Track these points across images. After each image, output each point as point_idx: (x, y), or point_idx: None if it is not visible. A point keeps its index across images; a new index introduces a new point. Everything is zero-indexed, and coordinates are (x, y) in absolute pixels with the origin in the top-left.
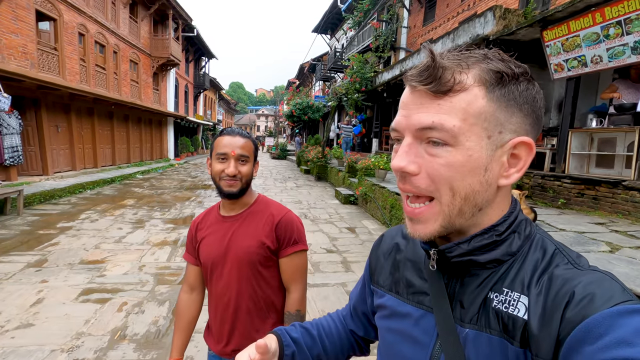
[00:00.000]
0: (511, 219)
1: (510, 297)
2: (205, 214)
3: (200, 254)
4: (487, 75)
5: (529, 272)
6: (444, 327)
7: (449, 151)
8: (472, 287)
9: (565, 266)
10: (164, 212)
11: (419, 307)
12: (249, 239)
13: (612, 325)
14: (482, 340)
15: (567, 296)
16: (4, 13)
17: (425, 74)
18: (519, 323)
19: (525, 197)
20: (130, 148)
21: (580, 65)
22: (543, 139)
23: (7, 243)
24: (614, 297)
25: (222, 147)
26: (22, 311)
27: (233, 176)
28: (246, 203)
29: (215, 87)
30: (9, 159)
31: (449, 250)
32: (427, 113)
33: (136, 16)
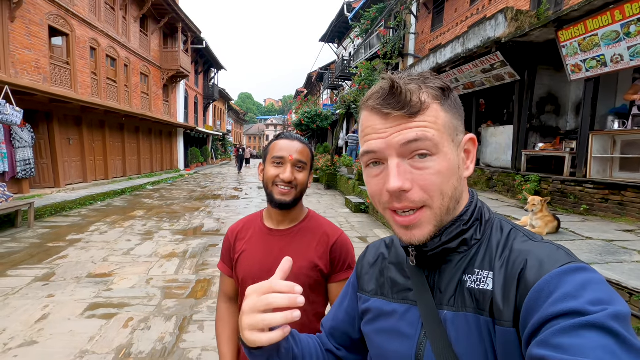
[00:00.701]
0: (472, 208)
1: (480, 276)
2: (246, 222)
3: (239, 267)
4: (436, 92)
5: (494, 251)
6: (428, 315)
7: (435, 160)
8: (447, 273)
9: (522, 239)
10: (173, 223)
11: (404, 302)
12: (301, 259)
13: (559, 283)
14: (460, 319)
15: (522, 264)
16: (18, 29)
17: (394, 100)
18: (488, 295)
19: (547, 203)
20: (141, 159)
21: (600, 65)
22: (561, 143)
23: (17, 256)
24: (559, 260)
25: (278, 150)
26: (27, 328)
27: (289, 182)
28: (297, 217)
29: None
30: (21, 172)
31: (425, 246)
32: (409, 129)
33: (146, 30)
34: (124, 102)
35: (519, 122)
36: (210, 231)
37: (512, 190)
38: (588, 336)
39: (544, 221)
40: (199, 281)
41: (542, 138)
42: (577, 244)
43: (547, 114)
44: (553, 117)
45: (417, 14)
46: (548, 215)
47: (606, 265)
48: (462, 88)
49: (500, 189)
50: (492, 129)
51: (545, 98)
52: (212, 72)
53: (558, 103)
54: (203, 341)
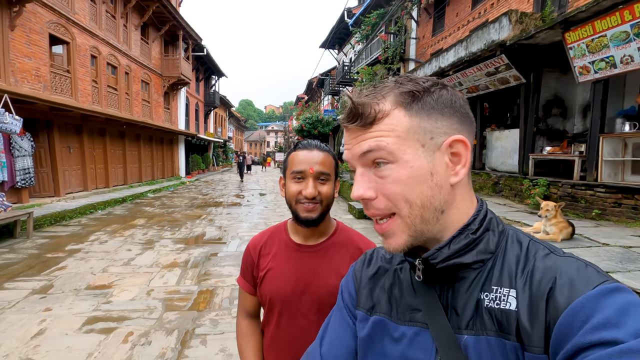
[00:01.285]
0: (480, 217)
1: (500, 294)
2: (270, 236)
3: (265, 286)
4: (400, 97)
5: (513, 266)
6: (443, 339)
7: (392, 168)
8: (462, 291)
9: (544, 253)
10: (174, 232)
11: (412, 325)
12: (334, 276)
13: (597, 307)
14: (481, 344)
15: (550, 282)
16: (18, 38)
17: (350, 115)
18: (512, 316)
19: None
20: (142, 167)
21: (609, 67)
22: (569, 146)
23: (14, 268)
24: (592, 279)
25: (297, 164)
26: (22, 344)
27: (312, 198)
28: (326, 231)
29: (225, 105)
30: (20, 181)
31: (432, 257)
32: (364, 141)
33: (147, 37)
34: (125, 110)
35: (525, 125)
36: (212, 239)
37: (519, 195)
38: None
39: (558, 227)
40: (201, 292)
41: (549, 141)
42: (593, 250)
43: (553, 117)
44: (560, 120)
45: (418, 18)
46: (562, 221)
47: (628, 273)
48: (466, 92)
49: (507, 194)
50: (497, 132)
51: (552, 101)
52: (212, 79)
53: (564, 106)
54: (206, 356)
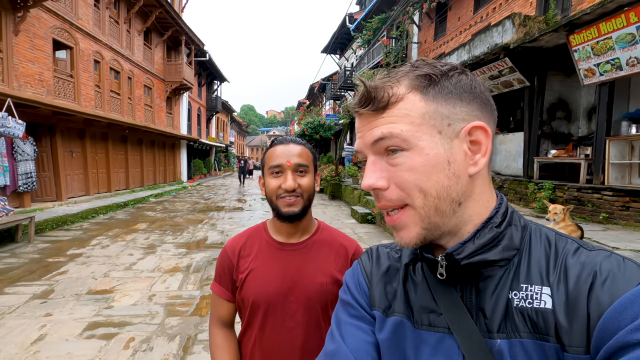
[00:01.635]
0: (502, 210)
1: (531, 292)
2: (248, 237)
3: (247, 289)
4: (416, 81)
5: (543, 262)
6: (470, 345)
7: (406, 156)
8: (490, 292)
9: (574, 247)
10: (176, 236)
11: (433, 330)
12: (322, 274)
13: None
14: (516, 348)
15: (590, 278)
16: (22, 42)
17: (362, 100)
18: (549, 315)
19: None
20: (144, 171)
21: (615, 69)
22: (575, 149)
23: (15, 273)
24: (634, 275)
25: (274, 158)
26: (22, 350)
27: (292, 191)
28: (308, 228)
29: (227, 110)
30: (22, 185)
31: (457, 252)
32: (376, 127)
33: (150, 43)
34: (127, 115)
35: (530, 128)
36: (214, 244)
37: (524, 199)
38: None
39: (566, 231)
40: (204, 297)
41: (553, 145)
42: None
43: (558, 120)
44: (564, 123)
45: (420, 23)
46: (571, 225)
47: None
48: None
49: (512, 197)
50: (501, 136)
51: (556, 104)
52: (215, 84)
53: (569, 109)
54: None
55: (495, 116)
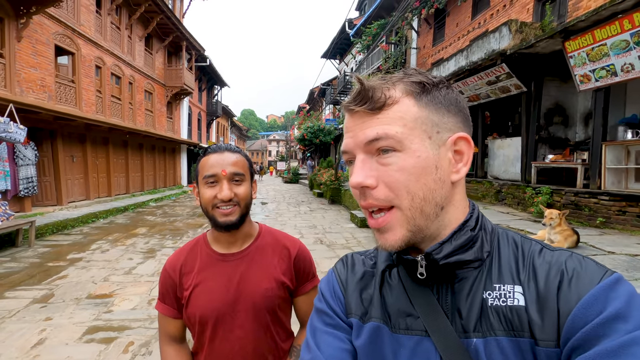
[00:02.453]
0: (475, 215)
1: (504, 291)
2: (189, 252)
3: (193, 305)
4: (411, 87)
5: (512, 263)
6: (446, 346)
7: (398, 156)
8: (465, 292)
9: (539, 249)
10: (176, 241)
11: (411, 333)
12: (266, 280)
13: (607, 300)
14: (491, 347)
15: (558, 277)
16: (24, 48)
17: (359, 97)
18: (523, 313)
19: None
20: (144, 176)
21: (610, 75)
22: (572, 154)
23: (15, 277)
24: (596, 272)
25: (209, 167)
26: (22, 354)
27: (228, 200)
28: (249, 235)
29: (228, 115)
30: (23, 190)
31: (436, 252)
32: (370, 127)
33: (151, 48)
34: (128, 119)
35: (527, 133)
36: None
37: (522, 203)
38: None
39: (562, 235)
40: None
41: (551, 149)
42: (599, 259)
43: (555, 125)
44: (561, 128)
45: (419, 29)
46: (567, 229)
47: (635, 282)
48: (467, 100)
49: (510, 202)
50: (499, 141)
51: (553, 109)
52: (215, 89)
53: (566, 114)
54: None
55: (471, 131)
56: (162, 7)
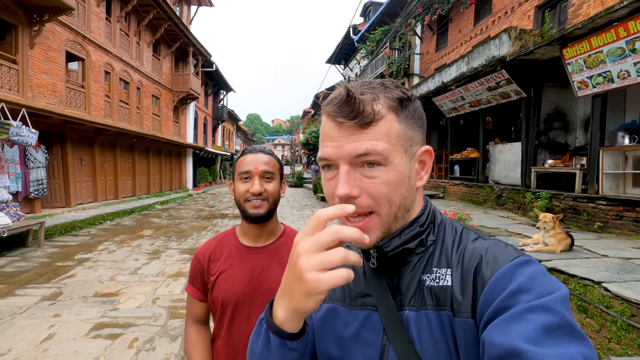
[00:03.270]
0: (427, 212)
1: (439, 274)
2: (218, 242)
3: (217, 290)
4: (393, 102)
5: (449, 250)
6: (388, 318)
7: (383, 170)
8: (406, 274)
9: (473, 237)
10: (181, 242)
11: (363, 308)
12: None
13: (512, 276)
14: (421, 318)
15: (477, 260)
16: (37, 55)
17: (347, 110)
18: (447, 291)
19: (559, 220)
20: (151, 179)
21: (606, 82)
22: (571, 159)
23: (26, 276)
24: (510, 255)
25: (244, 165)
26: (32, 348)
27: (259, 194)
28: (274, 232)
29: (233, 119)
30: (34, 192)
31: (386, 245)
32: (359, 142)
33: (159, 54)
34: (135, 124)
35: (527, 139)
36: None
37: (522, 208)
38: (532, 318)
39: (556, 239)
40: None
41: (551, 155)
42: (592, 261)
43: (555, 130)
44: (561, 133)
45: (422, 35)
46: (561, 233)
47: (624, 283)
48: (469, 106)
49: (510, 207)
50: (500, 146)
51: (553, 115)
52: (221, 94)
53: (566, 119)
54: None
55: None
56: (169, 14)
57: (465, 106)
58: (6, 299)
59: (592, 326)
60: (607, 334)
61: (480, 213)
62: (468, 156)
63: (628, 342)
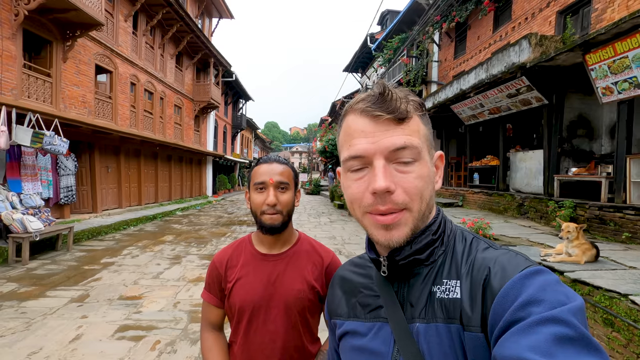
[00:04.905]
0: (439, 220)
1: (449, 286)
2: (234, 249)
3: (234, 296)
4: (417, 106)
5: (459, 260)
6: (399, 330)
7: (417, 166)
8: (417, 286)
9: (484, 247)
10: (200, 248)
11: (376, 320)
12: (299, 282)
13: (522, 287)
14: (431, 331)
15: (486, 271)
16: (69, 68)
17: (385, 105)
18: (457, 304)
19: (583, 230)
20: (172, 186)
21: (633, 87)
22: (596, 167)
23: (55, 278)
24: (520, 265)
25: (259, 176)
26: (61, 347)
27: (273, 205)
28: (289, 240)
29: (252, 127)
30: (64, 198)
31: (397, 254)
32: (397, 136)
33: (181, 65)
34: (159, 132)
35: (549, 146)
36: None
37: (545, 217)
38: (543, 330)
39: (580, 249)
40: None
41: (575, 162)
42: (619, 273)
43: (579, 137)
44: (586, 140)
45: (440, 42)
46: (585, 243)
47: None
48: (488, 113)
49: (532, 216)
50: (521, 153)
51: (576, 122)
52: (240, 103)
53: (590, 126)
54: None
55: None
56: (192, 27)
57: (485, 113)
58: (38, 300)
59: (619, 340)
60: (636, 349)
61: (501, 222)
62: (488, 164)
63: None
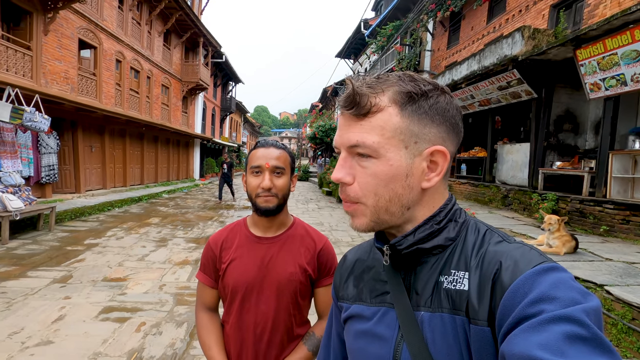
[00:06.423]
0: (447, 209)
1: (457, 277)
2: (230, 231)
3: (228, 277)
4: (398, 96)
5: (469, 252)
6: (404, 316)
7: (373, 162)
8: (423, 274)
9: (497, 240)
10: (187, 231)
11: (381, 305)
12: (291, 265)
13: (534, 284)
14: (436, 320)
15: (497, 265)
16: (50, 42)
17: (347, 101)
18: (464, 295)
19: (564, 223)
20: (158, 168)
21: (619, 84)
22: (579, 162)
23: (37, 258)
24: (533, 260)
25: (255, 159)
26: (44, 327)
27: (268, 189)
28: (283, 224)
29: (241, 111)
30: (45, 177)
31: (399, 244)
32: (353, 133)
33: (169, 44)
34: (145, 112)
35: (536, 140)
36: None
37: (528, 209)
38: (554, 328)
39: (561, 241)
40: None
41: (559, 156)
42: (595, 264)
43: (565, 132)
44: (571, 135)
45: (433, 31)
46: (565, 235)
47: (627, 287)
48: (478, 105)
49: (516, 207)
50: (508, 146)
51: (563, 116)
52: (230, 85)
53: (576, 122)
54: None
55: (460, 138)
56: (181, 3)
57: (475, 105)
58: (18, 280)
59: None
60: (607, 337)
61: (486, 213)
62: (475, 155)
63: (628, 345)
